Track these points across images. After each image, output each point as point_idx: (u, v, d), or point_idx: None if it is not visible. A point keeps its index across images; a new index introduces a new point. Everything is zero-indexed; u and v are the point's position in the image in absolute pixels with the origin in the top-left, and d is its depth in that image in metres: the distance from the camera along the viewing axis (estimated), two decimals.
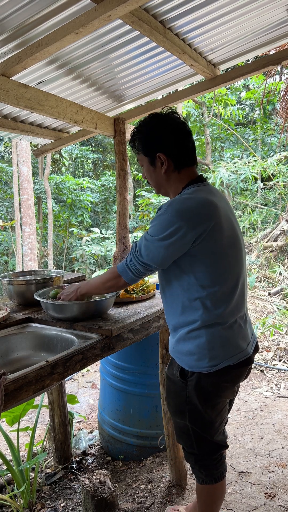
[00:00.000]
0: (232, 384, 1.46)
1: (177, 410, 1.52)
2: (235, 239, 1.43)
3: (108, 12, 1.74)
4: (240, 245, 1.47)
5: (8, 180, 10.88)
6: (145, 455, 2.51)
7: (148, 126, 1.44)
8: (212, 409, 1.46)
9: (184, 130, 1.43)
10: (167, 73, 2.89)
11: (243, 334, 1.45)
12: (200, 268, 1.34)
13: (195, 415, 1.46)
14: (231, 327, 1.40)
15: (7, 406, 1.16)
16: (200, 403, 1.43)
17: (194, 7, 2.15)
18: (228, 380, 1.43)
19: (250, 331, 1.51)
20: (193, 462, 1.59)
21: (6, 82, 2.19)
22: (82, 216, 11.00)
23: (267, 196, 8.38)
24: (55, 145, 3.74)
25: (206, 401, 1.43)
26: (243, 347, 1.43)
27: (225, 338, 1.39)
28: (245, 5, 2.25)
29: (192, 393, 1.43)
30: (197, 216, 1.30)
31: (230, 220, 1.44)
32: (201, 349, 1.38)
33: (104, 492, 1.85)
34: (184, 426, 1.52)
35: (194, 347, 1.39)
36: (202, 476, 1.58)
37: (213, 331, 1.37)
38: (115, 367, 2.52)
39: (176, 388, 1.49)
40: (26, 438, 2.91)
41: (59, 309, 1.70)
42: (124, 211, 3.47)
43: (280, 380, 3.63)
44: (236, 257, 1.42)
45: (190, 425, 1.48)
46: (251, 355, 1.46)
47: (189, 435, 1.51)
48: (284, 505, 2.02)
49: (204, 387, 1.42)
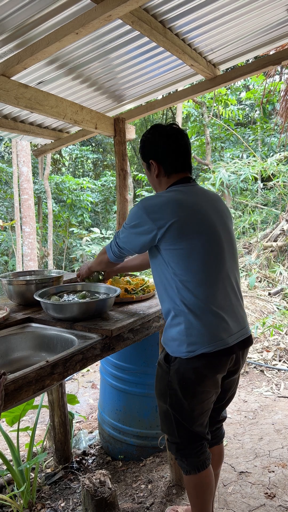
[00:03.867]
0: (211, 373, 1.50)
1: (160, 393, 1.60)
2: (214, 236, 1.53)
3: (108, 12, 1.74)
4: (221, 242, 1.55)
5: (8, 180, 10.88)
6: (145, 455, 2.51)
7: (145, 136, 1.65)
8: (192, 397, 1.51)
9: (176, 141, 1.60)
10: (167, 73, 2.89)
11: (224, 327, 1.50)
12: (172, 258, 1.49)
13: (175, 400, 1.53)
14: (208, 318, 1.48)
15: (7, 406, 1.16)
16: (180, 390, 1.51)
17: (194, 7, 2.15)
18: (205, 367, 1.48)
19: (238, 327, 1.55)
20: (174, 451, 1.65)
21: (6, 82, 2.19)
22: (82, 216, 11.00)
23: (267, 196, 8.38)
24: (55, 145, 3.74)
25: (186, 388, 1.50)
26: (222, 338, 1.48)
27: (201, 327, 1.46)
28: (245, 5, 2.25)
29: (174, 378, 1.51)
30: (158, 212, 1.48)
31: (210, 219, 1.55)
32: (181, 336, 1.49)
33: (104, 492, 1.85)
34: (166, 411, 1.58)
35: (176, 334, 1.51)
36: (185, 466, 1.63)
37: (190, 320, 1.47)
38: (115, 367, 2.52)
39: (162, 371, 1.58)
40: (26, 438, 2.91)
41: (59, 309, 1.70)
42: (124, 211, 3.47)
43: (280, 380, 3.63)
44: (214, 253, 1.52)
45: (170, 409, 1.55)
46: (231, 346, 1.50)
47: (171, 421, 1.57)
48: (284, 505, 2.02)
49: (183, 374, 1.49)
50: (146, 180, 10.53)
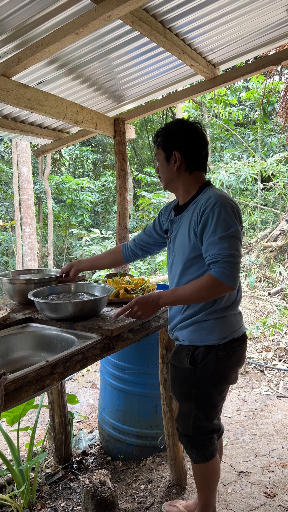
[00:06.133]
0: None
1: (183, 396, 1.65)
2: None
3: (108, 12, 1.74)
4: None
5: (8, 180, 10.88)
6: (145, 455, 2.51)
7: (172, 127, 1.61)
8: (218, 394, 1.62)
9: (201, 139, 1.60)
10: (167, 73, 2.89)
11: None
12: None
13: (202, 399, 1.60)
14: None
15: (7, 406, 1.16)
16: (210, 386, 1.59)
17: (194, 7, 2.15)
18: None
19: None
20: (185, 442, 1.71)
21: (6, 82, 2.19)
22: (82, 216, 11.00)
23: (267, 197, 8.38)
24: (55, 145, 3.74)
25: (215, 385, 1.59)
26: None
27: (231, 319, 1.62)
28: (245, 5, 2.25)
29: (201, 378, 1.57)
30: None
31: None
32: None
33: (104, 492, 1.85)
34: (188, 409, 1.64)
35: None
36: (194, 456, 1.70)
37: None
38: (115, 367, 2.52)
39: (184, 374, 1.61)
40: (26, 438, 2.91)
41: (53, 309, 1.69)
42: (124, 211, 3.47)
43: (280, 380, 3.63)
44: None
45: (194, 407, 1.61)
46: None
47: (189, 417, 1.64)
48: (284, 505, 2.02)
49: (213, 372, 1.57)
50: (146, 180, 10.51)
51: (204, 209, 1.47)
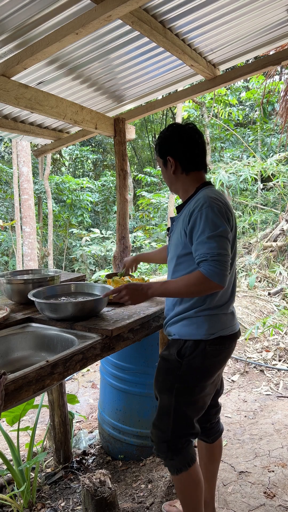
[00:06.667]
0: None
1: (165, 388, 1.64)
2: (235, 234, 1.70)
3: (108, 12, 1.75)
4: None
5: (8, 180, 10.88)
6: (145, 455, 2.51)
7: (164, 133, 1.68)
8: (200, 389, 1.61)
9: (193, 139, 1.64)
10: (167, 73, 2.90)
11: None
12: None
13: (183, 392, 1.60)
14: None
15: (7, 406, 1.16)
16: (193, 381, 1.59)
17: (194, 7, 2.15)
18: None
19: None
20: (165, 450, 1.63)
21: (6, 82, 2.20)
22: (82, 216, 11.00)
23: (267, 197, 8.38)
24: (55, 145, 3.74)
25: (199, 380, 1.60)
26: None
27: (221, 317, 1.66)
28: (245, 6, 2.25)
29: (186, 372, 1.58)
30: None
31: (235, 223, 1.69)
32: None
33: (104, 492, 1.85)
34: (167, 403, 1.63)
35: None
36: (175, 464, 1.63)
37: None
38: (115, 367, 2.52)
39: (169, 366, 1.63)
40: (26, 438, 2.91)
41: (53, 309, 1.69)
42: (124, 211, 3.47)
43: (280, 380, 3.63)
44: (234, 253, 1.66)
45: (174, 401, 1.61)
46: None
47: (169, 415, 1.62)
48: (284, 505, 2.02)
49: (199, 366, 1.58)
50: (146, 180, 10.53)
51: (193, 210, 1.52)
